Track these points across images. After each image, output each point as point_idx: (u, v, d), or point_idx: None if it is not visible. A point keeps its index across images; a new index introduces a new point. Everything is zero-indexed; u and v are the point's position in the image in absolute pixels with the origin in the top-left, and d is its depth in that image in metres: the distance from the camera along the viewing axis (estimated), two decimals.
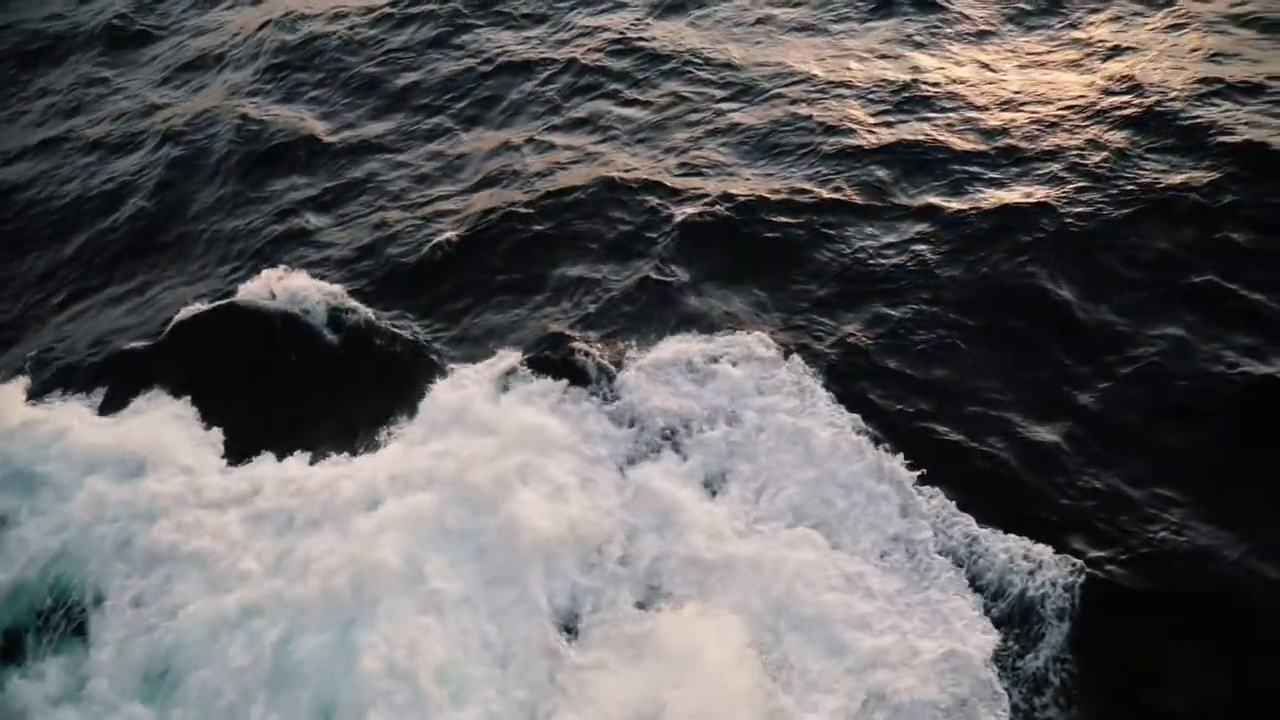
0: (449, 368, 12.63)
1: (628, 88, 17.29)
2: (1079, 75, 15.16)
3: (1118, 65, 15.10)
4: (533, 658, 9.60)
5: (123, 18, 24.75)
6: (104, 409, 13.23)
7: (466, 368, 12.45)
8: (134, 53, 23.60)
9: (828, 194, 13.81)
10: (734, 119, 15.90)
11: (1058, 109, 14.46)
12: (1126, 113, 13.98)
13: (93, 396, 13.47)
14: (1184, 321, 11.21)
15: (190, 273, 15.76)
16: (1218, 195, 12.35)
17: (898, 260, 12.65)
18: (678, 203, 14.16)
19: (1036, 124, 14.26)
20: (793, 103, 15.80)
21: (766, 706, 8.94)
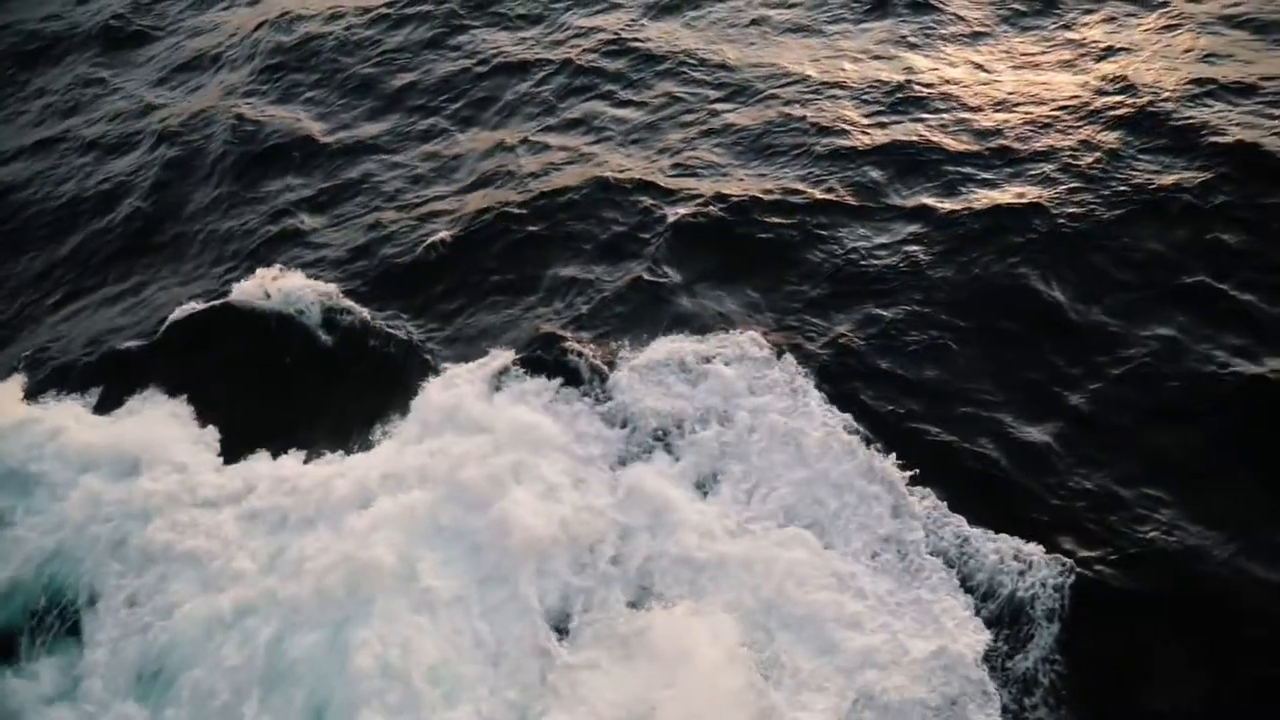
0: (442, 367, 12.62)
1: (622, 88, 17.27)
2: (1072, 76, 15.15)
3: (1111, 66, 15.10)
4: (524, 657, 9.60)
5: (120, 18, 24.76)
6: (99, 408, 13.23)
7: (459, 367, 12.43)
8: (131, 53, 23.61)
9: (821, 194, 13.80)
10: (728, 119, 15.89)
11: (1051, 110, 14.46)
12: (1119, 113, 13.98)
13: (88, 396, 13.47)
14: (1175, 322, 11.22)
15: (185, 273, 15.76)
16: (1209, 196, 12.36)
17: (890, 261, 12.64)
18: (671, 203, 14.15)
19: (1029, 125, 14.26)
20: (787, 103, 15.78)
21: (758, 705, 8.93)
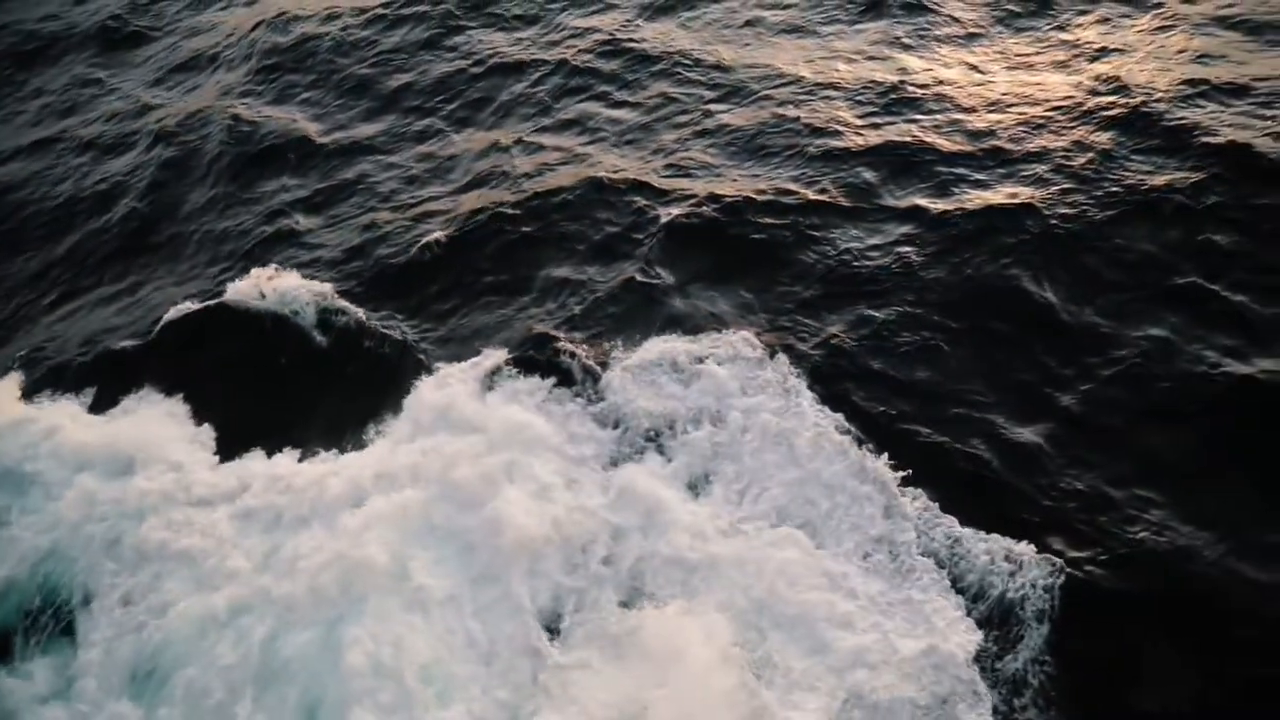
0: (435, 367, 12.62)
1: (617, 89, 17.27)
2: (1066, 76, 15.15)
3: (1104, 66, 15.10)
4: (516, 657, 9.60)
5: (117, 18, 24.74)
6: (94, 408, 13.22)
7: (452, 366, 12.43)
8: (128, 53, 23.59)
9: (814, 195, 13.80)
10: (722, 120, 15.90)
11: (1044, 110, 14.47)
12: (1112, 114, 13.98)
13: (83, 395, 13.46)
14: (1167, 323, 11.22)
15: (181, 273, 15.77)
16: (1202, 197, 12.36)
17: (883, 261, 12.65)
18: (665, 204, 14.16)
19: (1023, 125, 14.26)
20: (781, 104, 15.79)
21: (749, 705, 8.94)
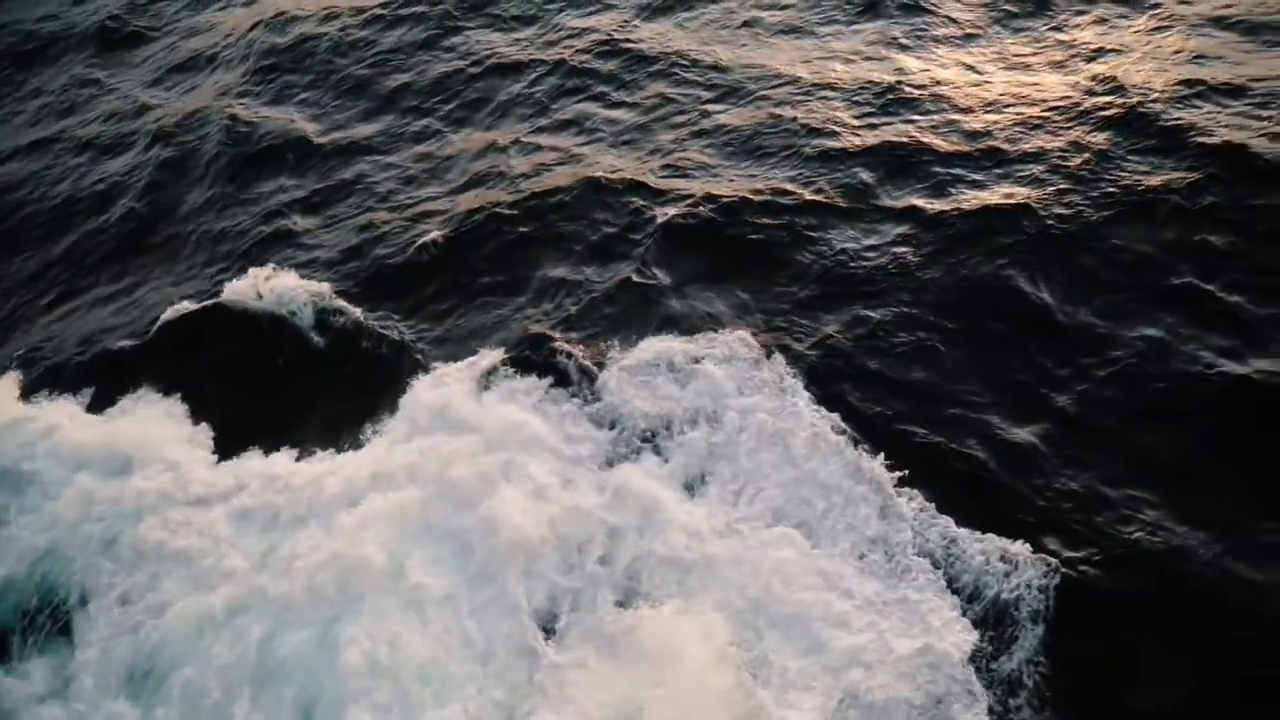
0: (432, 366, 12.63)
1: (614, 89, 17.29)
2: (1063, 77, 15.16)
3: (1101, 67, 15.11)
4: (512, 656, 9.62)
5: (116, 19, 24.77)
6: (92, 407, 13.23)
7: (448, 366, 12.45)
8: (126, 53, 23.62)
9: (810, 195, 13.81)
10: (719, 120, 15.91)
11: (1041, 111, 14.47)
12: (1109, 114, 13.99)
13: (81, 395, 13.47)
14: (1162, 323, 11.23)
15: (178, 273, 15.79)
16: (1197, 197, 12.37)
17: (879, 262, 12.66)
18: (661, 204, 14.16)
19: (1019, 126, 14.27)
20: (778, 104, 15.80)
21: (745, 705, 8.96)
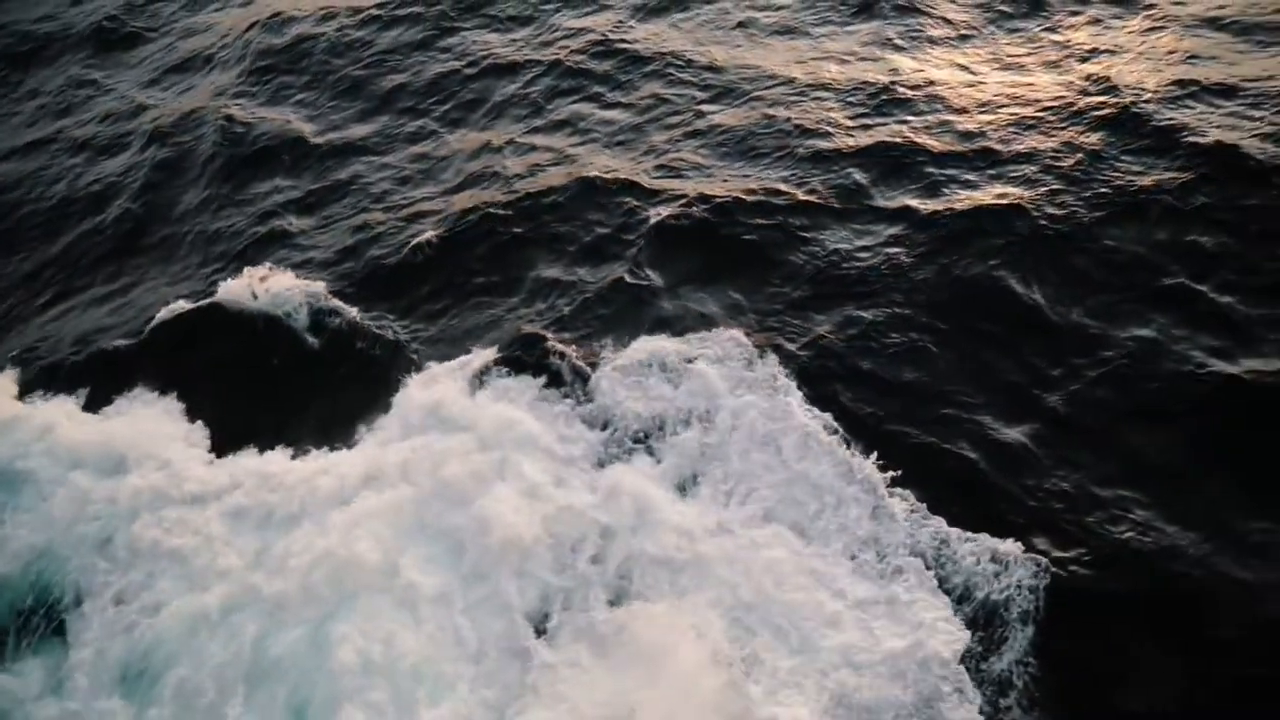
0: (426, 366, 12.66)
1: (609, 90, 17.30)
2: (1056, 77, 15.17)
3: (1095, 67, 15.12)
4: (504, 656, 9.65)
5: (113, 19, 24.79)
6: (88, 406, 13.24)
7: (441, 366, 12.48)
8: (123, 54, 23.63)
9: (804, 196, 13.82)
10: (713, 121, 15.92)
11: (1035, 111, 14.49)
12: (1102, 114, 14.01)
13: (77, 394, 13.47)
14: (1154, 323, 11.26)
15: (174, 273, 15.80)
16: (1190, 197, 12.40)
17: (872, 262, 12.68)
18: (655, 204, 14.18)
19: (1013, 126, 14.29)
20: (772, 105, 15.81)
21: (737, 704, 8.98)
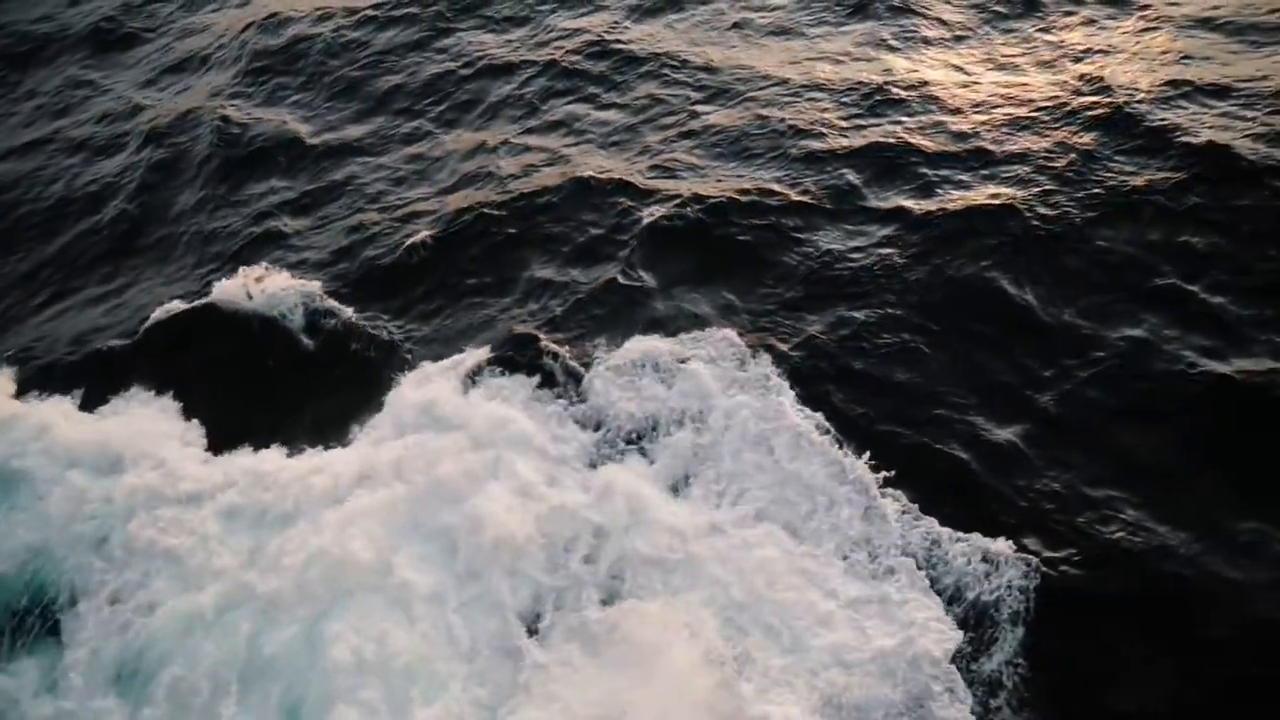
0: (420, 365, 12.68)
1: (604, 90, 17.32)
2: (1050, 78, 15.19)
3: (1088, 68, 15.14)
4: (497, 654, 9.67)
5: (110, 20, 24.85)
6: (84, 406, 13.25)
7: (434, 365, 12.50)
8: (121, 55, 23.67)
9: (797, 196, 13.84)
10: (708, 121, 15.94)
11: (1028, 111, 14.51)
12: (1095, 114, 14.03)
13: (73, 394, 13.47)
14: (1146, 323, 11.28)
15: (170, 274, 15.82)
16: (1182, 198, 12.43)
17: (865, 262, 12.69)
18: (649, 204, 14.19)
19: (1006, 126, 14.31)
20: (766, 105, 15.83)
21: (729, 704, 9.00)
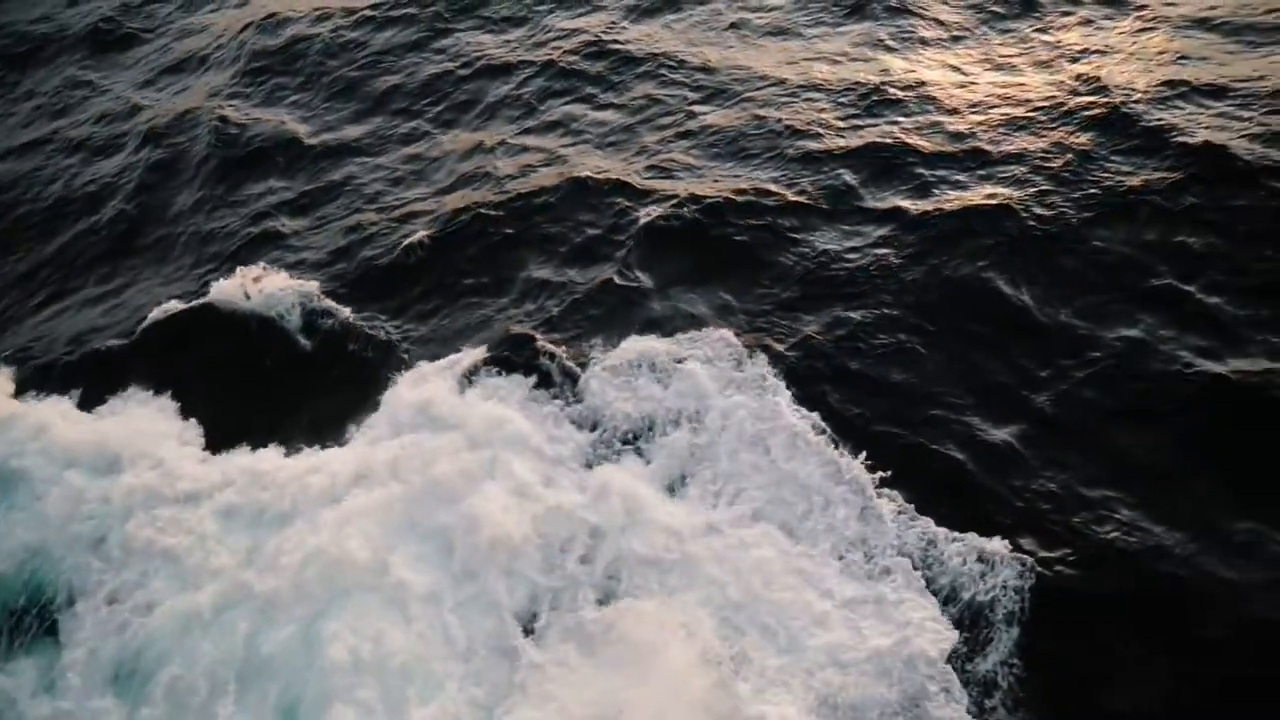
0: (416, 364, 12.69)
1: (602, 91, 17.33)
2: (1047, 78, 15.19)
3: (1085, 68, 15.14)
4: (493, 654, 9.69)
5: (109, 20, 24.89)
6: (82, 405, 13.27)
7: (431, 365, 12.52)
8: (119, 55, 23.71)
9: (794, 196, 13.84)
10: (705, 121, 15.94)
11: (1025, 111, 14.51)
12: (1092, 114, 14.02)
13: (71, 394, 13.51)
14: (1142, 324, 11.28)
15: (168, 274, 15.84)
16: (1178, 198, 12.42)
17: (861, 263, 12.70)
18: (646, 205, 14.20)
19: (1003, 126, 14.31)
20: (763, 105, 15.84)
21: (725, 703, 9.02)
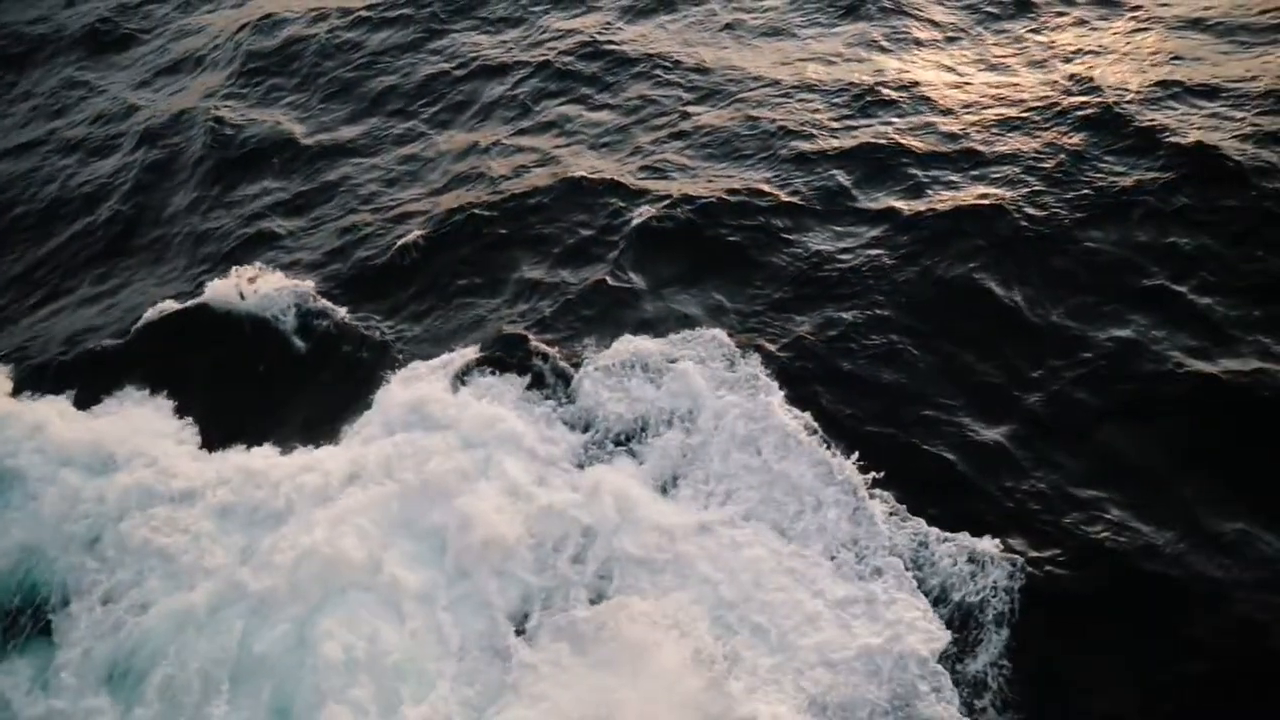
0: (410, 364, 12.72)
1: (596, 91, 17.37)
2: (1041, 78, 15.22)
3: (1079, 68, 15.17)
4: (486, 654, 9.73)
5: (106, 21, 24.94)
6: (78, 405, 13.30)
7: (424, 365, 12.56)
8: (116, 55, 23.76)
9: (787, 197, 13.87)
10: (699, 122, 15.97)
11: (1018, 112, 14.54)
12: (1085, 115, 14.06)
13: (66, 393, 13.54)
14: (1133, 324, 11.31)
15: (163, 274, 15.88)
16: (1170, 198, 12.46)
17: (854, 263, 12.72)
18: (639, 205, 14.22)
19: (996, 127, 14.34)
20: (757, 106, 15.86)
21: (717, 702, 9.05)
